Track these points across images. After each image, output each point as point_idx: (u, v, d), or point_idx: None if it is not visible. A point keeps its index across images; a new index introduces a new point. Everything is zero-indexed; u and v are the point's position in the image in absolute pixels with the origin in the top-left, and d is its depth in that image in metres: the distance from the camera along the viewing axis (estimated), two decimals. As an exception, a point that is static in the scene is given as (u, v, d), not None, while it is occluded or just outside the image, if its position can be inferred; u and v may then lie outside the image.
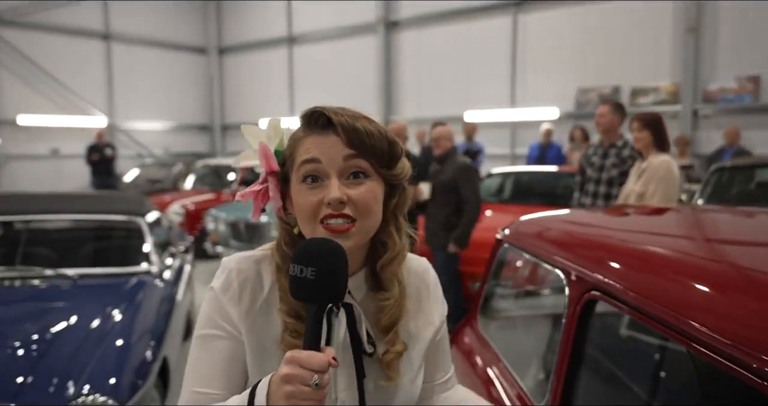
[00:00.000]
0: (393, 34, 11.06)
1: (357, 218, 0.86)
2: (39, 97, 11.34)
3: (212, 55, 14.16)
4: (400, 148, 0.93)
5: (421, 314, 1.00)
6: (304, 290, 0.80)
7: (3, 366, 2.22)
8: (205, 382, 0.92)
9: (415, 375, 0.99)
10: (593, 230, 1.58)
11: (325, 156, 0.86)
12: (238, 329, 0.91)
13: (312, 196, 0.86)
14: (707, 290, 1.05)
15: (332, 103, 0.95)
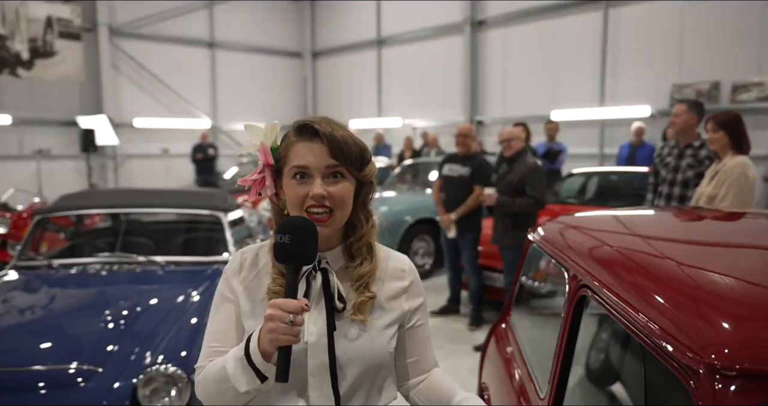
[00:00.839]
0: (479, 34, 11.04)
1: (334, 208, 1.13)
2: (152, 101, 12.45)
3: (306, 58, 14.82)
4: (369, 154, 1.20)
5: (390, 289, 1.22)
6: (283, 252, 1.07)
7: (98, 335, 2.61)
8: (216, 338, 1.20)
9: (386, 334, 1.19)
10: (601, 231, 1.64)
11: (312, 163, 1.13)
12: (236, 294, 1.20)
13: (300, 189, 1.13)
14: (667, 292, 1.11)
15: (419, 104, 1.18)
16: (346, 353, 1.14)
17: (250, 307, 1.18)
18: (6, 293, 3.08)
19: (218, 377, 1.11)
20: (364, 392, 1.18)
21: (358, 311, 1.16)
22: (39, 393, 2.29)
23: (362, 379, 1.17)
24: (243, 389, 1.07)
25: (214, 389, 1.13)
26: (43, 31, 10.54)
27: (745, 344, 0.85)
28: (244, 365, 1.05)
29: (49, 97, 11.05)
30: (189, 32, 12.81)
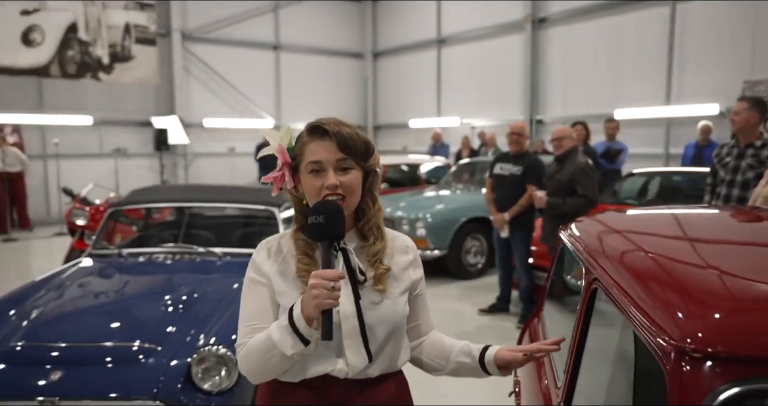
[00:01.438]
0: (540, 32, 10.89)
1: (346, 195, 1.31)
2: (220, 102, 13.03)
3: (367, 59, 15.06)
4: (372, 147, 1.39)
5: (400, 262, 1.43)
6: (317, 231, 1.26)
7: (159, 317, 2.85)
8: (254, 317, 1.36)
9: (401, 299, 1.40)
10: (621, 227, 1.67)
11: (324, 157, 1.31)
12: (268, 277, 1.38)
13: (316, 182, 1.31)
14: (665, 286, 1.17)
15: (478, 103, 1.33)
16: (372, 318, 1.33)
17: (283, 286, 1.35)
18: (81, 278, 3.39)
19: (264, 347, 1.26)
20: (390, 350, 1.38)
21: (378, 282, 1.35)
22: (106, 367, 2.53)
23: (388, 338, 1.37)
24: (290, 352, 1.23)
25: (259, 359, 1.28)
26: (121, 37, 11.26)
27: (714, 329, 0.91)
28: (290, 332, 1.22)
29: (126, 99, 11.79)
30: (255, 35, 13.31)
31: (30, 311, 2.92)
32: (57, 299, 3.09)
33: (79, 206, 6.59)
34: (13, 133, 10.60)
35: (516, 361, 1.40)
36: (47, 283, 3.30)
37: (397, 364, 1.42)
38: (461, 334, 4.88)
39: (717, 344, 0.87)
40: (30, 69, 10.44)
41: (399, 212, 6.82)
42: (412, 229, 6.58)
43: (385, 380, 1.40)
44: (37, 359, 2.54)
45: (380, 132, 15.34)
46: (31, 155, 10.72)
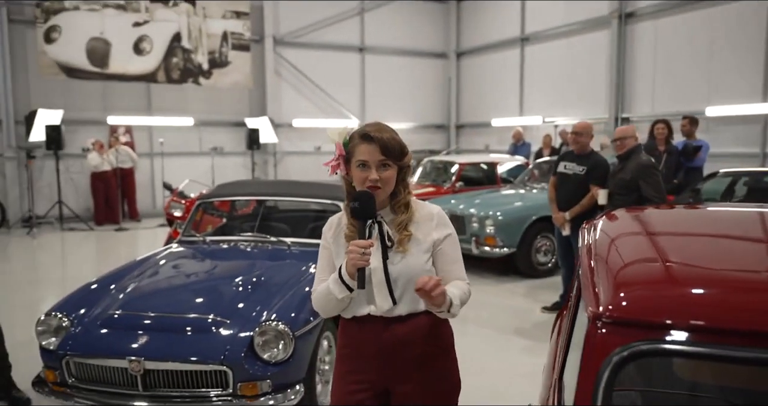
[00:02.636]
0: (627, 27, 10.55)
1: (383, 186, 1.80)
2: (308, 103, 13.68)
3: (451, 58, 15.18)
4: (406, 148, 1.85)
5: (423, 228, 1.86)
6: (357, 212, 1.75)
7: (231, 295, 3.25)
8: (321, 272, 1.91)
9: (423, 257, 1.83)
10: (626, 222, 1.81)
11: (369, 158, 1.78)
12: (329, 243, 1.91)
13: (362, 175, 1.79)
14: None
15: (561, 101, 1.66)
16: (395, 272, 1.80)
17: (336, 250, 1.88)
18: (170, 261, 3.88)
19: (325, 292, 1.81)
20: (411, 295, 1.78)
21: (399, 244, 1.82)
22: (185, 334, 2.95)
23: (407, 287, 1.80)
24: (339, 296, 1.77)
25: (323, 299, 1.83)
26: (219, 44, 12.15)
27: (623, 302, 1.08)
28: (339, 282, 1.76)
29: (223, 101, 12.71)
30: (342, 39, 13.85)
31: (127, 286, 3.42)
32: (149, 277, 3.58)
33: (177, 199, 7.31)
34: (126, 134, 11.78)
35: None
36: (142, 264, 3.82)
37: (420, 306, 1.82)
38: (520, 330, 5.01)
39: (620, 311, 1.05)
40: (140, 75, 11.54)
41: (471, 209, 6.96)
42: (481, 227, 6.71)
43: (415, 317, 1.84)
44: (130, 325, 3.00)
45: (463, 131, 15.43)
46: (140, 153, 11.85)
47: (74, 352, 2.89)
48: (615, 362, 1.00)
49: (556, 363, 1.78)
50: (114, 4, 11.15)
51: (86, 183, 11.23)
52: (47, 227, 10.57)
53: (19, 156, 10.76)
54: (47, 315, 3.07)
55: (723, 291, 1.05)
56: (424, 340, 1.85)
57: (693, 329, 0.97)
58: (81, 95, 11.38)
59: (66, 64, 10.87)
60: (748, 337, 0.94)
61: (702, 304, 1.01)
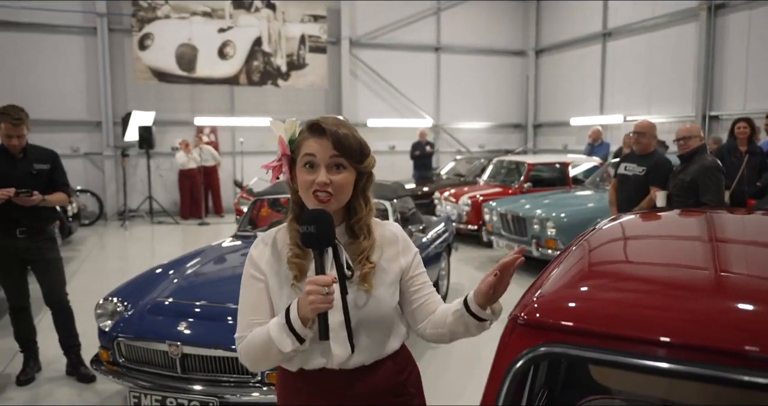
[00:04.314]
0: (717, 19, 9.86)
1: (334, 193, 1.38)
2: (382, 103, 13.87)
3: (530, 56, 14.84)
4: (368, 148, 1.45)
5: (387, 254, 1.49)
6: (310, 239, 1.33)
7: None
8: (252, 312, 1.45)
9: (389, 290, 1.46)
10: (611, 230, 1.76)
11: (318, 153, 1.38)
12: (264, 273, 1.47)
13: (308, 176, 1.39)
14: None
15: (644, 99, 1.63)
16: (357, 315, 1.40)
17: (276, 284, 1.44)
18: (223, 253, 4.14)
19: (263, 342, 1.37)
20: (377, 339, 1.46)
21: (363, 280, 1.41)
22: (224, 323, 3.14)
23: (372, 331, 1.44)
24: (287, 349, 1.33)
25: (260, 352, 1.39)
26: (297, 47, 12.60)
27: (534, 306, 1.08)
28: (287, 331, 1.32)
29: (300, 102, 13.16)
30: (417, 39, 13.92)
31: (179, 275, 3.69)
32: (202, 267, 3.84)
33: (246, 195, 7.69)
34: (210, 134, 12.51)
35: (486, 285, 1.31)
36: (199, 254, 4.10)
37: (385, 351, 1.48)
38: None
39: (537, 314, 1.06)
40: (224, 78, 12.21)
41: (535, 211, 6.81)
42: (542, 228, 6.55)
43: (383, 364, 1.47)
44: (175, 312, 3.25)
45: (540, 130, 15.03)
46: (223, 152, 12.54)
47: (124, 334, 3.16)
48: (520, 365, 1.01)
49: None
50: (201, 12, 11.87)
51: (174, 180, 12.03)
52: (139, 220, 11.44)
53: (116, 155, 11.72)
54: (105, 300, 3.38)
55: (629, 300, 1.03)
56: (394, 393, 1.50)
57: (596, 335, 0.97)
58: (170, 98, 12.21)
59: (157, 69, 11.71)
60: (644, 344, 0.92)
61: (609, 311, 1.00)
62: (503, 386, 1.01)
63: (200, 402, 2.93)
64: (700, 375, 0.87)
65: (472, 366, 4.08)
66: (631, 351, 0.91)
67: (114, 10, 11.64)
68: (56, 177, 3.76)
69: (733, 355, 0.85)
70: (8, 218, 3.60)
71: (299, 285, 1.39)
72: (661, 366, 0.90)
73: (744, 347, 0.85)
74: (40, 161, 3.70)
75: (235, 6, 12.06)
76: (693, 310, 1.00)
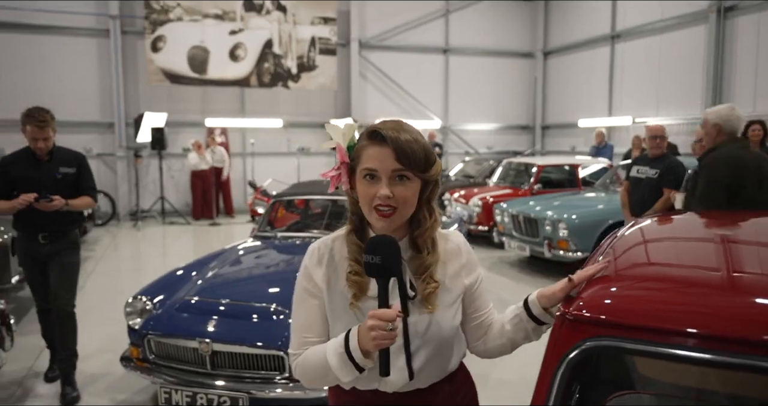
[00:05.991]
0: (727, 21, 9.90)
1: (398, 207, 1.28)
2: (391, 104, 13.96)
3: (538, 58, 14.90)
4: (433, 155, 1.33)
5: (451, 270, 1.40)
6: (374, 270, 1.22)
7: (292, 289, 3.49)
8: (306, 329, 1.38)
9: (451, 310, 1.37)
10: (640, 231, 1.84)
11: (379, 166, 1.27)
12: (319, 288, 1.37)
13: (369, 189, 1.28)
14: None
15: (653, 101, 1.69)
16: (417, 339, 1.32)
17: (332, 302, 1.35)
18: (244, 254, 4.23)
19: (320, 368, 1.30)
20: (437, 363, 1.38)
21: (426, 301, 1.31)
22: (251, 321, 3.23)
23: (433, 355, 1.35)
24: (346, 379, 1.29)
25: (317, 375, 1.34)
26: (307, 49, 12.70)
27: (584, 302, 1.16)
28: (345, 360, 1.25)
29: (310, 103, 13.26)
30: (426, 41, 14.01)
31: (204, 275, 3.77)
32: (224, 268, 3.92)
33: (260, 196, 7.79)
34: (221, 135, 12.62)
35: (557, 289, 1.29)
36: (220, 255, 4.19)
37: (446, 371, 1.41)
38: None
39: (584, 310, 1.14)
40: (235, 80, 12.33)
41: (546, 212, 6.88)
42: (555, 230, 6.62)
43: (439, 387, 1.40)
44: (203, 310, 3.33)
45: (548, 132, 15.09)
46: (233, 153, 12.65)
47: (154, 332, 3.25)
48: (572, 357, 1.09)
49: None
50: (213, 14, 11.98)
51: (185, 180, 12.15)
52: (151, 220, 11.55)
53: (128, 155, 11.85)
54: (134, 298, 3.47)
55: (678, 295, 1.11)
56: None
57: (642, 329, 1.05)
58: (182, 99, 12.33)
59: (170, 71, 11.83)
60: (692, 338, 1.00)
61: (653, 307, 1.08)
62: (555, 378, 1.09)
63: (230, 398, 3.01)
64: (740, 365, 0.95)
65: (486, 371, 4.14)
66: (674, 343, 0.99)
67: (126, 12, 11.77)
68: (82, 181, 3.68)
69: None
70: (32, 223, 3.55)
71: (358, 304, 1.32)
72: (702, 357, 0.98)
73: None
74: (66, 165, 3.63)
75: (246, 8, 12.18)
76: (726, 305, 1.07)
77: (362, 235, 1.37)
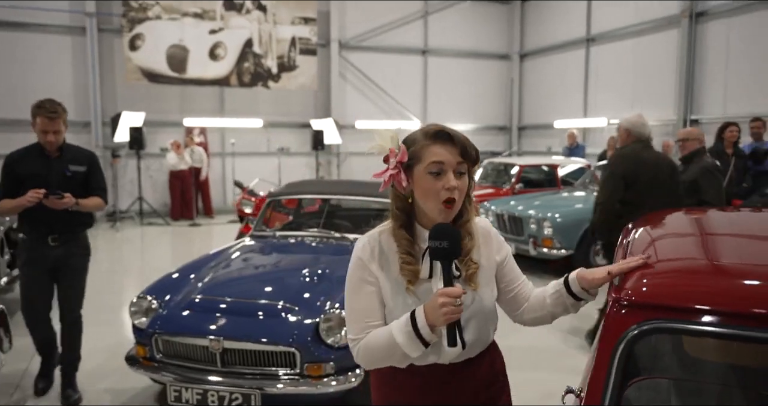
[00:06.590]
0: (698, 26, 10.26)
1: (457, 199, 1.45)
2: (371, 105, 14.03)
3: (514, 60, 15.15)
4: (479, 153, 1.54)
5: (485, 252, 1.58)
6: (440, 254, 1.40)
7: (299, 285, 3.54)
8: (367, 315, 1.50)
9: (489, 287, 1.56)
10: (660, 224, 1.95)
11: (447, 160, 1.44)
12: (375, 276, 1.52)
13: (436, 183, 1.43)
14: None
15: (627, 103, 1.86)
16: (465, 313, 1.47)
17: (390, 286, 1.49)
18: (244, 253, 4.24)
19: (387, 347, 1.43)
20: (483, 333, 1.56)
21: (469, 280, 1.50)
22: (258, 318, 3.26)
23: (477, 326, 1.54)
24: (415, 354, 1.42)
25: (382, 354, 1.46)
26: (288, 49, 12.68)
27: (638, 288, 1.26)
28: (413, 337, 1.39)
29: (290, 104, 13.24)
30: (405, 42, 14.12)
31: (206, 274, 3.77)
32: (225, 267, 3.93)
33: (247, 196, 7.78)
34: (200, 135, 12.50)
35: (598, 277, 1.45)
36: (219, 255, 4.18)
37: (487, 342, 1.60)
38: (573, 329, 5.07)
39: (635, 296, 1.23)
40: (214, 80, 12.23)
41: (530, 211, 7.04)
42: (539, 228, 6.78)
43: (484, 356, 1.60)
44: (209, 308, 3.35)
45: (525, 133, 15.36)
46: (213, 153, 12.55)
47: (163, 330, 3.26)
48: (629, 338, 1.18)
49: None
50: (192, 13, 11.87)
51: (164, 181, 12.00)
52: (129, 221, 11.39)
53: (105, 155, 11.64)
54: (139, 298, 3.46)
55: (723, 280, 1.21)
56: (488, 383, 1.62)
57: (695, 311, 1.14)
58: (161, 99, 12.18)
59: (148, 69, 11.68)
60: (741, 318, 1.10)
61: (703, 290, 1.18)
62: (613, 360, 1.18)
63: (242, 395, 3.04)
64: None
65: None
66: (725, 323, 1.09)
67: (103, 10, 11.57)
68: (93, 180, 3.55)
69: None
70: (40, 223, 3.39)
71: (413, 289, 1.47)
72: (749, 334, 1.08)
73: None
74: (77, 163, 3.49)
75: (226, 7, 12.10)
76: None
77: (410, 229, 1.52)
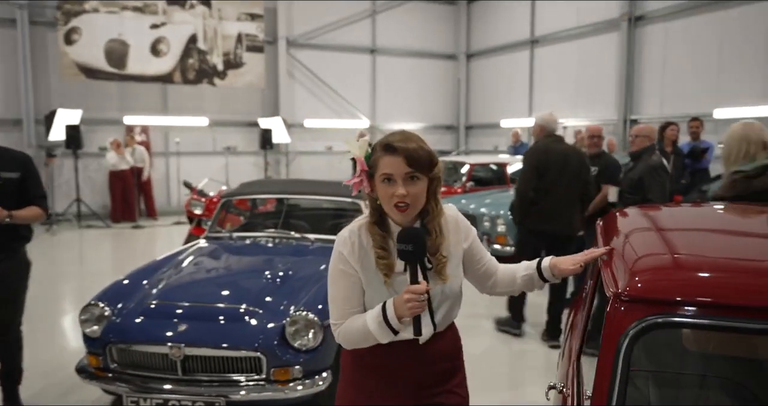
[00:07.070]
0: (637, 29, 10.69)
1: (411, 203, 1.62)
2: (320, 104, 13.89)
3: (461, 60, 15.35)
4: (436, 157, 1.67)
5: (454, 240, 1.75)
6: (407, 256, 1.57)
7: (261, 287, 3.43)
8: (347, 302, 1.69)
9: (458, 272, 1.76)
10: (639, 217, 1.98)
11: (394, 172, 1.60)
12: (355, 269, 1.68)
13: (388, 190, 1.61)
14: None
15: (571, 103, 1.92)
16: (436, 299, 1.70)
17: (367, 278, 1.67)
18: (200, 256, 4.08)
19: (362, 333, 1.64)
20: (448, 312, 1.77)
21: (440, 273, 1.68)
22: (220, 323, 3.13)
23: (447, 310, 1.76)
24: (385, 341, 1.63)
25: (358, 339, 1.67)
26: (234, 45, 12.38)
27: (639, 283, 1.26)
28: (384, 327, 1.60)
29: (237, 102, 12.93)
30: (353, 40, 14.05)
31: (160, 279, 3.60)
32: (181, 271, 3.76)
33: (197, 197, 7.52)
34: (141, 133, 12.02)
35: (569, 268, 1.74)
36: (172, 259, 4.00)
37: (453, 318, 1.82)
38: (534, 324, 5.17)
39: (637, 291, 1.23)
40: (156, 76, 11.79)
41: (482, 209, 7.14)
42: (493, 225, 6.88)
43: (449, 330, 1.82)
44: (167, 314, 3.19)
45: (472, 132, 15.59)
46: (156, 153, 12.10)
47: (118, 339, 3.08)
48: (632, 334, 1.18)
49: (574, 346, 1.96)
50: (132, 6, 11.40)
51: (103, 181, 11.48)
52: (66, 224, 10.81)
53: (39, 155, 11.01)
54: (89, 304, 3.26)
55: (721, 274, 1.23)
56: (452, 353, 1.83)
57: (697, 304, 1.15)
58: (99, 95, 11.64)
59: (85, 65, 11.13)
60: (743, 311, 1.11)
61: (703, 284, 1.19)
62: (619, 353, 1.17)
63: (205, 403, 2.92)
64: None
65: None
66: (727, 316, 1.10)
67: (36, 1, 10.94)
68: (29, 187, 3.14)
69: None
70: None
71: (390, 281, 1.66)
72: (752, 326, 1.10)
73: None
74: (8, 169, 3.06)
75: (168, 2, 11.68)
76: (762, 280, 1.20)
77: (383, 226, 1.70)
